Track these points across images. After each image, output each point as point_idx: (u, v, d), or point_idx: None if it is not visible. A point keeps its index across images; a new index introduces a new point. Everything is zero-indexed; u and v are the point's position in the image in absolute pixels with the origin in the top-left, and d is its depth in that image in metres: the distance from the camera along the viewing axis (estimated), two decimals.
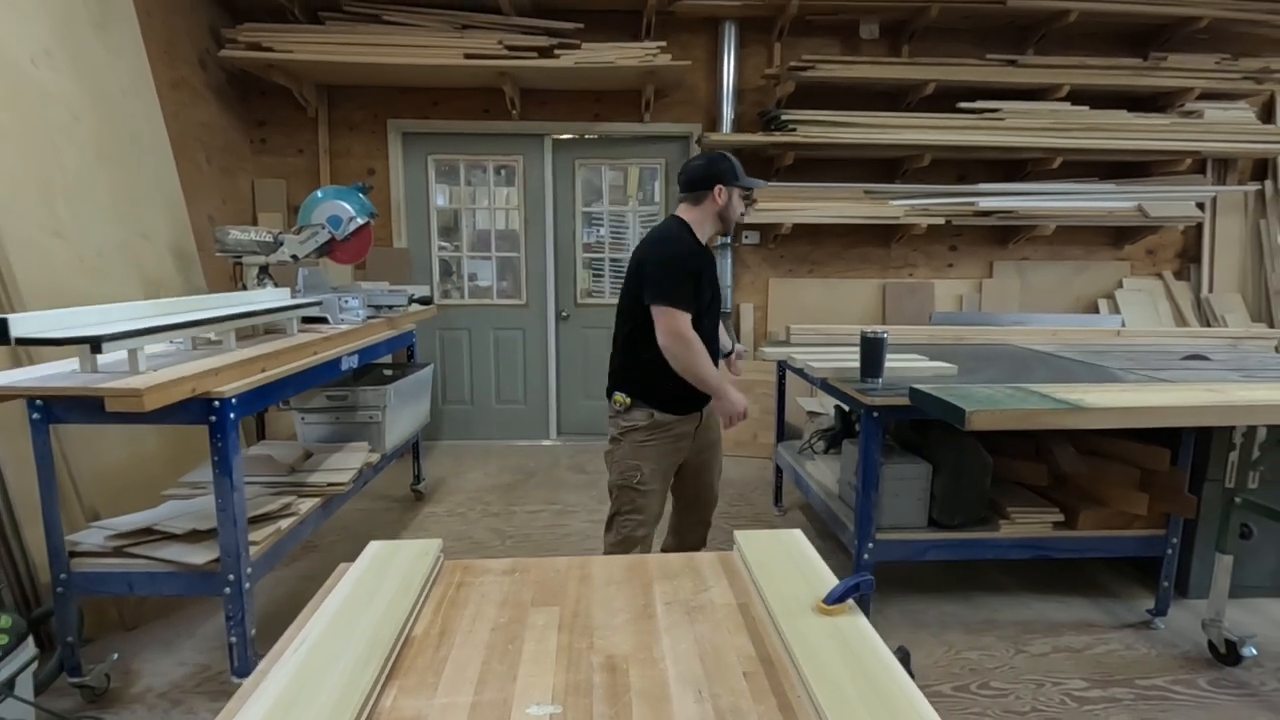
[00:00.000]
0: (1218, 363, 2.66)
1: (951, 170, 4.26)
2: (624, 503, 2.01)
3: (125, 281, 2.66)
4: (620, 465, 2.01)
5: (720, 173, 1.97)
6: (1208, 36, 4.12)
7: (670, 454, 2.02)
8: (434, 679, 0.79)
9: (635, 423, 1.99)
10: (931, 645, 2.21)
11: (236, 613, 1.85)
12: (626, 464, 1.99)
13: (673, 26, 4.05)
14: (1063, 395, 1.74)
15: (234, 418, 1.78)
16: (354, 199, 3.00)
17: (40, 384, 1.57)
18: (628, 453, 1.99)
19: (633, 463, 1.98)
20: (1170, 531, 2.26)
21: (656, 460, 2.00)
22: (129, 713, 1.85)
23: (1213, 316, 4.38)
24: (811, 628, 0.85)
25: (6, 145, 2.21)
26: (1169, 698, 1.96)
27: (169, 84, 3.32)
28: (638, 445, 1.99)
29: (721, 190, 1.97)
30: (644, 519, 2.00)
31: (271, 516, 2.11)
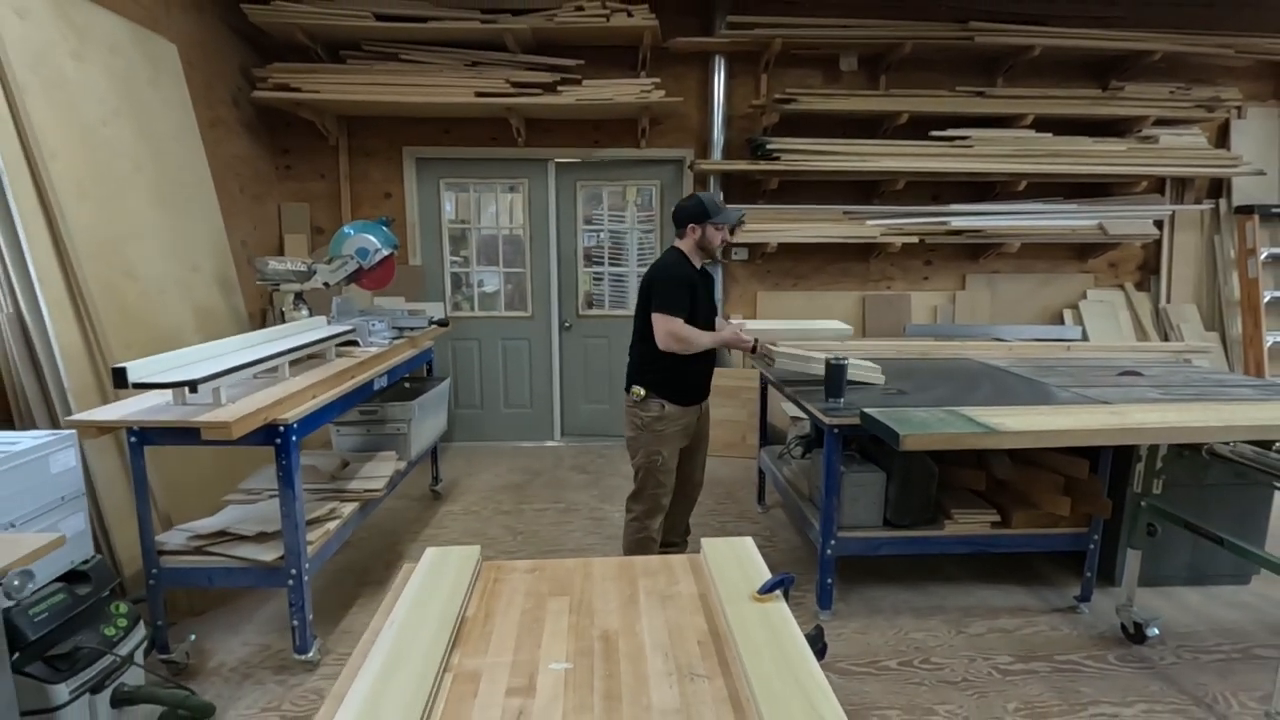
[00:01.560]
0: (1147, 379, 3.01)
1: (925, 191, 4.59)
2: (649, 479, 2.59)
3: (181, 312, 3.02)
4: (646, 450, 2.56)
5: (694, 214, 2.52)
6: (1164, 66, 4.43)
7: (680, 438, 2.61)
8: (484, 646, 1.15)
9: (653, 414, 2.53)
10: (884, 627, 2.58)
11: (298, 601, 2.22)
12: (651, 449, 2.55)
13: (667, 60, 4.37)
14: (984, 419, 2.09)
15: (296, 440, 2.14)
16: (379, 232, 3.35)
17: (146, 417, 1.93)
18: (650, 440, 2.55)
19: (655, 448, 2.55)
20: (1092, 529, 2.63)
21: (671, 444, 2.58)
22: (209, 683, 2.22)
23: (1169, 326, 4.73)
24: (747, 611, 1.21)
25: (87, 202, 2.56)
26: (1080, 670, 2.32)
27: (208, 123, 3.65)
28: (657, 433, 2.54)
29: (695, 227, 2.53)
30: (666, 489, 2.61)
31: (320, 520, 2.48)
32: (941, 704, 2.14)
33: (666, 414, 2.54)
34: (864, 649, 2.44)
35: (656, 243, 4.74)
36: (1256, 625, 2.58)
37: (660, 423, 2.54)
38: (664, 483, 2.59)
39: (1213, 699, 2.16)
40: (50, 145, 2.43)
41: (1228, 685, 2.23)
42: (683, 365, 2.54)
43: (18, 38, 2.39)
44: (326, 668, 2.31)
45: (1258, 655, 2.39)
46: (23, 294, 2.32)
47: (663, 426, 2.55)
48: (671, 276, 2.50)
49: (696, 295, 2.52)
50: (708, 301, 2.63)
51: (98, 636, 1.74)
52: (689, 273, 2.54)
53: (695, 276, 2.55)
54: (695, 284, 2.52)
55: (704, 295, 2.59)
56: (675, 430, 2.57)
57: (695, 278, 2.54)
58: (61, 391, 2.35)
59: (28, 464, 1.67)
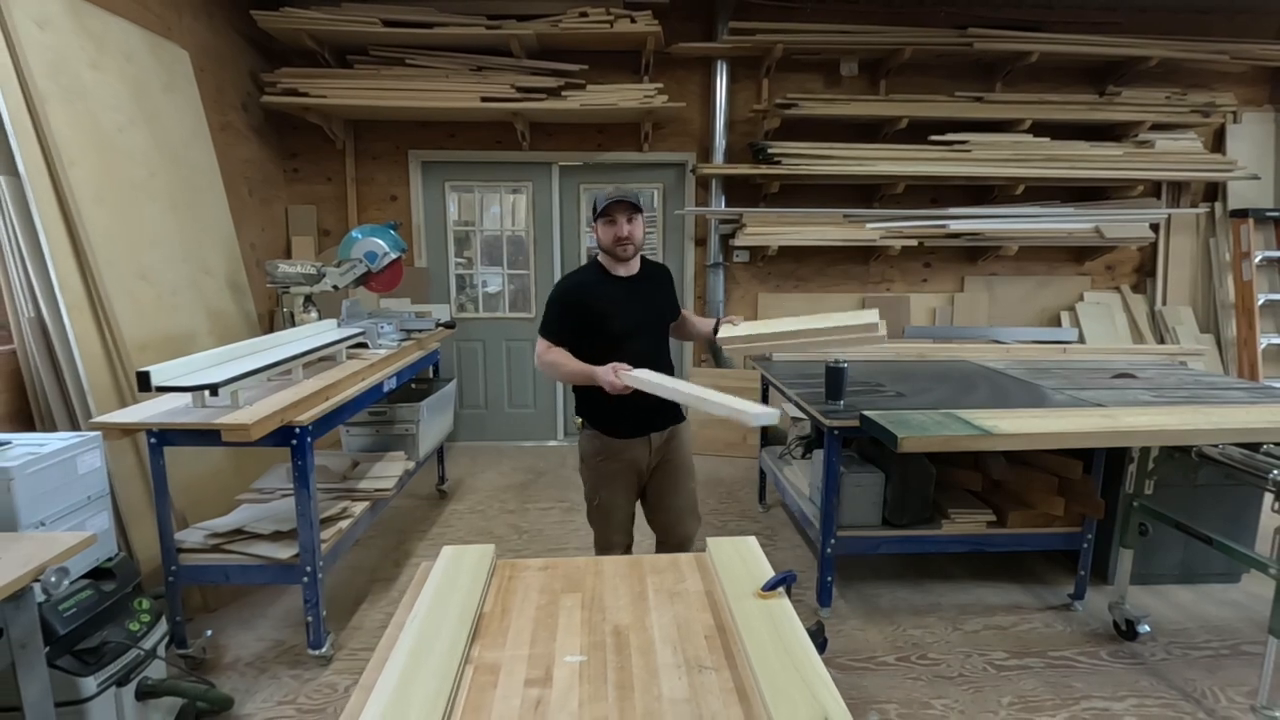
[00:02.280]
0: (1141, 382, 3.07)
1: (924, 194, 4.65)
2: (592, 517, 2.29)
3: (194, 314, 3.08)
4: (587, 489, 2.27)
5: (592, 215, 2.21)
6: (1160, 71, 4.49)
7: (627, 477, 2.21)
8: (502, 639, 1.21)
9: (592, 447, 2.21)
10: (882, 624, 2.64)
11: (312, 597, 2.28)
12: (588, 487, 2.26)
13: (669, 65, 4.43)
14: (980, 422, 2.15)
15: (310, 441, 2.20)
16: (387, 236, 3.41)
17: (168, 419, 1.99)
18: (590, 477, 2.24)
19: (595, 488, 2.23)
20: (1085, 529, 2.69)
21: (614, 485, 2.20)
22: (226, 677, 2.28)
23: (1165, 328, 4.79)
24: (751, 607, 1.27)
25: (104, 208, 2.61)
26: (1073, 666, 2.39)
27: (219, 128, 3.71)
28: (593, 469, 2.22)
29: (590, 230, 2.37)
30: (610, 529, 2.26)
31: (333, 519, 2.54)
32: (938, 698, 2.20)
33: (606, 448, 2.18)
34: (863, 645, 2.50)
35: (659, 245, 4.80)
36: (1245, 622, 2.64)
37: (599, 458, 2.19)
38: (611, 528, 2.25)
39: (1201, 694, 2.23)
40: (70, 153, 2.48)
41: (1216, 680, 2.29)
42: None
43: (38, 48, 2.45)
44: (340, 662, 2.38)
45: (1245, 652, 2.45)
46: (44, 298, 2.38)
47: (602, 462, 2.19)
48: (553, 293, 2.19)
49: (592, 310, 2.11)
50: (642, 311, 2.19)
51: (123, 631, 1.80)
52: (576, 284, 2.17)
53: (595, 288, 2.15)
54: (588, 298, 2.12)
55: (625, 307, 2.14)
56: (618, 468, 2.19)
57: (593, 290, 2.14)
58: (81, 394, 2.41)
59: (57, 465, 1.73)
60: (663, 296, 2.30)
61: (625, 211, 2.10)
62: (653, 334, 2.26)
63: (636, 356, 2.09)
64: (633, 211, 2.11)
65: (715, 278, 4.66)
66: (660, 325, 2.30)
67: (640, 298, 2.20)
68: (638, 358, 2.09)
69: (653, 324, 2.26)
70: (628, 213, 2.10)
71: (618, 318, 2.14)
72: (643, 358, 2.12)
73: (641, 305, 2.21)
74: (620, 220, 2.10)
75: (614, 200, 2.09)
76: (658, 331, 2.29)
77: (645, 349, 2.18)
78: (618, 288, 2.17)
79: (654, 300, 2.26)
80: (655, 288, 2.27)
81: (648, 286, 2.24)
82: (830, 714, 0.98)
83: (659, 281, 2.30)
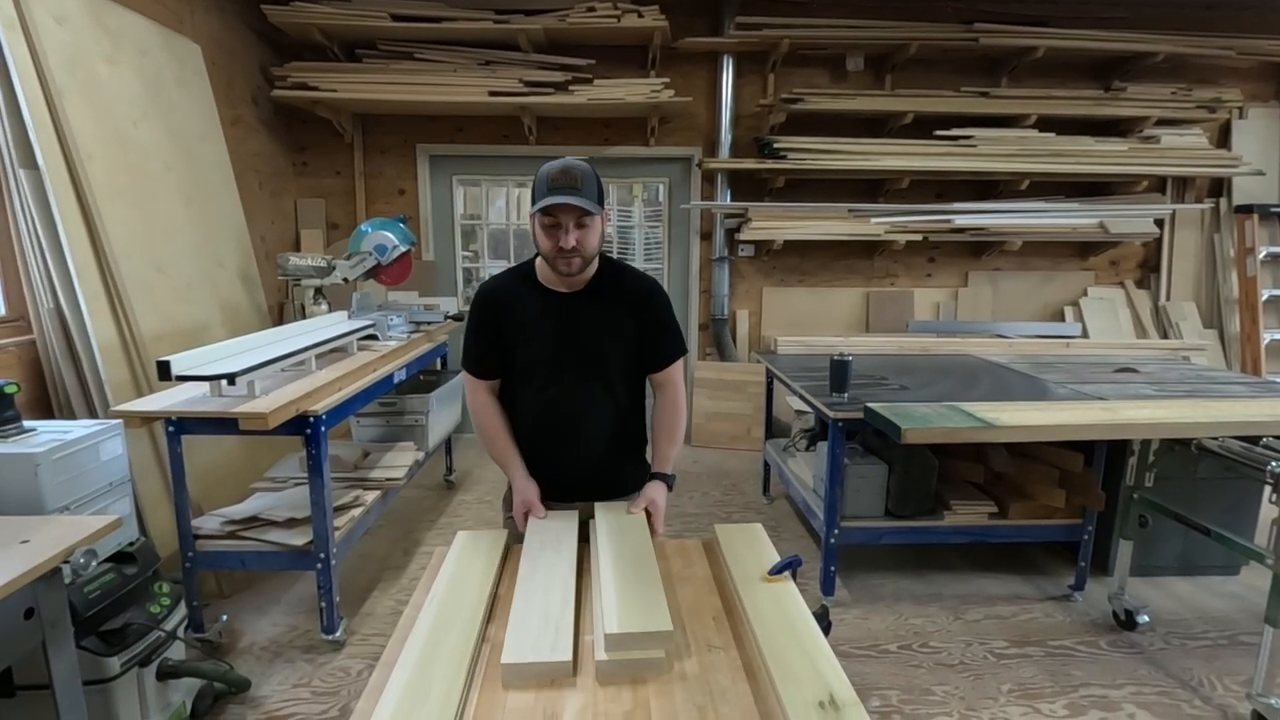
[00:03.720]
0: (1142, 376, 3.10)
1: (930, 189, 4.66)
2: None
3: (208, 306, 3.12)
4: None
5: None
6: (1166, 67, 4.49)
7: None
8: None
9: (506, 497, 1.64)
10: (884, 613, 2.68)
11: (326, 584, 2.33)
12: None
13: (676, 59, 4.45)
14: (982, 414, 2.18)
15: (324, 430, 2.25)
16: (396, 229, 3.45)
17: (187, 408, 2.03)
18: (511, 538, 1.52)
19: None
20: (1086, 521, 2.72)
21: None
22: (241, 661, 2.34)
23: (1168, 324, 4.81)
24: (758, 590, 1.31)
25: (121, 201, 2.66)
26: (1072, 655, 2.43)
27: (229, 121, 3.74)
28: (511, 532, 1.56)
29: (531, 220, 1.50)
30: None
31: (345, 507, 2.59)
32: (939, 685, 2.25)
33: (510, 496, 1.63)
34: (865, 633, 2.54)
35: (664, 239, 4.83)
36: (1243, 614, 2.68)
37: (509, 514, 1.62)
38: None
39: (1198, 682, 2.27)
40: (87, 147, 2.52)
41: (1213, 669, 2.33)
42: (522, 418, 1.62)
43: (55, 43, 2.48)
44: (352, 647, 2.43)
45: (1243, 642, 2.49)
46: (62, 290, 2.43)
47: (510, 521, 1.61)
48: (470, 308, 1.62)
49: (508, 327, 1.56)
50: (571, 342, 1.55)
51: (144, 614, 1.85)
52: (501, 289, 1.60)
53: (515, 299, 1.57)
54: (503, 312, 1.57)
55: (540, 331, 1.55)
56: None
57: (513, 300, 1.57)
58: (100, 383, 2.46)
59: (80, 451, 1.78)
60: (626, 328, 1.57)
61: (571, 214, 1.42)
62: (587, 378, 1.57)
63: (551, 408, 1.57)
64: (581, 214, 1.43)
65: (720, 272, 4.69)
66: (603, 367, 1.57)
67: (575, 322, 1.55)
68: (554, 411, 1.57)
69: (589, 363, 1.56)
70: (575, 215, 1.43)
71: (528, 345, 1.55)
72: (563, 411, 1.57)
73: (572, 333, 1.54)
74: (567, 223, 1.43)
75: (557, 199, 1.40)
76: (596, 375, 1.57)
77: (565, 399, 1.57)
78: (542, 302, 1.55)
79: (601, 330, 1.56)
80: (611, 314, 1.56)
81: (594, 311, 1.55)
82: (835, 691, 1.02)
83: (626, 306, 1.57)
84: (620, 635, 1.09)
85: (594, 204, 1.45)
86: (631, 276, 1.63)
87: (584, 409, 1.59)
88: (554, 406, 1.59)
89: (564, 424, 1.59)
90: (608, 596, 1.20)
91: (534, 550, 1.42)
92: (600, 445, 1.62)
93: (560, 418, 1.59)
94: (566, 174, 1.43)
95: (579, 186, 1.42)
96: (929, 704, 2.16)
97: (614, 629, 1.09)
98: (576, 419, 1.59)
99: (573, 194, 1.41)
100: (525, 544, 1.44)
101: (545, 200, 1.42)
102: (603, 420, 1.61)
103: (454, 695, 0.99)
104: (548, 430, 1.61)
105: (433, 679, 1.03)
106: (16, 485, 1.65)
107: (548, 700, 1.02)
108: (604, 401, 1.60)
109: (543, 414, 1.60)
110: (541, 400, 1.59)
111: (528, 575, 1.32)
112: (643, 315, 1.59)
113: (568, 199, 1.41)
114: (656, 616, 1.14)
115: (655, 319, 1.61)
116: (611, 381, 1.60)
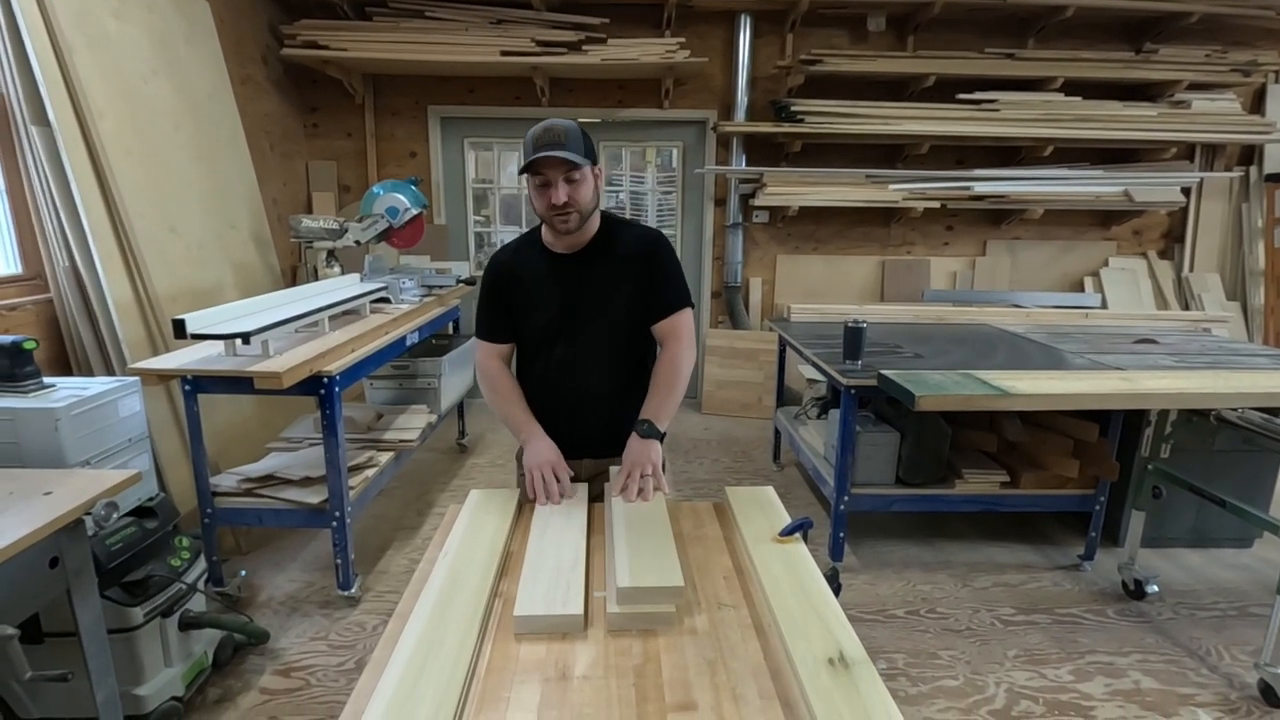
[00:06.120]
0: (1162, 347, 3.05)
1: (950, 155, 4.56)
2: None
3: (220, 267, 3.13)
4: None
5: None
6: (1201, 28, 4.33)
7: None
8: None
9: None
10: (893, 580, 2.70)
11: (341, 541, 2.37)
12: None
13: (692, 18, 4.34)
14: (997, 382, 2.16)
15: (338, 390, 2.26)
16: (408, 192, 3.42)
17: (202, 366, 2.05)
18: None
19: None
20: (1099, 491, 2.71)
21: None
22: (260, 615, 2.39)
23: (1190, 295, 4.72)
24: (768, 551, 1.32)
25: (132, 160, 2.65)
26: (1079, 622, 2.44)
27: (239, 81, 3.71)
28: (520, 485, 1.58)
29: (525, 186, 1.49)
30: None
31: (360, 467, 2.62)
32: (945, 649, 2.27)
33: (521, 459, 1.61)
34: (873, 598, 2.56)
35: (677, 204, 4.77)
36: (1254, 585, 2.67)
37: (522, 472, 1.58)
38: None
39: (1205, 651, 2.27)
40: (97, 104, 2.51)
41: (1221, 639, 2.33)
42: (532, 383, 1.64)
43: None
44: (367, 603, 2.48)
45: (1253, 613, 2.49)
46: (78, 248, 2.44)
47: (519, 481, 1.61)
48: (482, 276, 1.69)
49: (517, 295, 1.60)
50: (577, 305, 1.57)
51: (165, 566, 1.89)
52: (499, 262, 1.64)
53: (524, 265, 1.60)
54: (512, 280, 1.61)
55: (548, 296, 1.58)
56: None
57: (522, 266, 1.60)
58: (116, 342, 2.48)
59: (99, 408, 1.80)
60: (629, 286, 1.57)
61: (561, 167, 1.43)
62: (593, 338, 1.58)
63: (559, 369, 1.60)
64: (572, 167, 1.43)
65: (734, 238, 4.64)
66: (608, 325, 1.58)
67: (579, 282, 1.57)
68: (562, 371, 1.60)
69: (594, 322, 1.57)
70: (565, 169, 1.43)
71: (535, 308, 1.59)
72: (570, 371, 1.59)
73: (577, 294, 1.57)
74: (556, 179, 1.43)
75: (542, 154, 1.40)
76: (602, 333, 1.58)
77: (574, 359, 1.59)
78: (547, 266, 1.58)
79: (604, 288, 1.56)
80: (614, 271, 1.56)
81: (597, 270, 1.57)
82: (845, 648, 1.02)
83: (628, 263, 1.57)
84: (632, 589, 1.10)
85: (580, 156, 1.43)
86: (632, 230, 1.63)
87: (592, 368, 1.60)
88: (562, 367, 1.61)
89: (572, 383, 1.61)
90: (620, 552, 1.21)
91: (544, 513, 1.43)
92: (609, 404, 1.62)
93: (568, 377, 1.61)
94: (549, 131, 1.43)
95: (563, 141, 1.42)
96: (935, 667, 2.18)
97: (626, 583, 1.10)
98: (584, 378, 1.61)
99: (557, 149, 1.41)
100: (535, 514, 1.45)
101: (531, 156, 1.42)
102: (611, 379, 1.62)
103: (468, 645, 1.01)
104: (557, 390, 1.62)
105: (447, 630, 1.05)
106: (38, 440, 1.68)
107: (559, 652, 1.04)
108: (612, 360, 1.61)
109: (552, 374, 1.62)
110: (550, 361, 1.61)
111: (538, 536, 1.33)
112: (644, 266, 1.58)
113: (552, 153, 1.41)
114: (668, 572, 1.14)
115: (656, 268, 1.59)
116: (618, 339, 1.60)
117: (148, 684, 1.79)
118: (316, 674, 2.10)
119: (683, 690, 0.95)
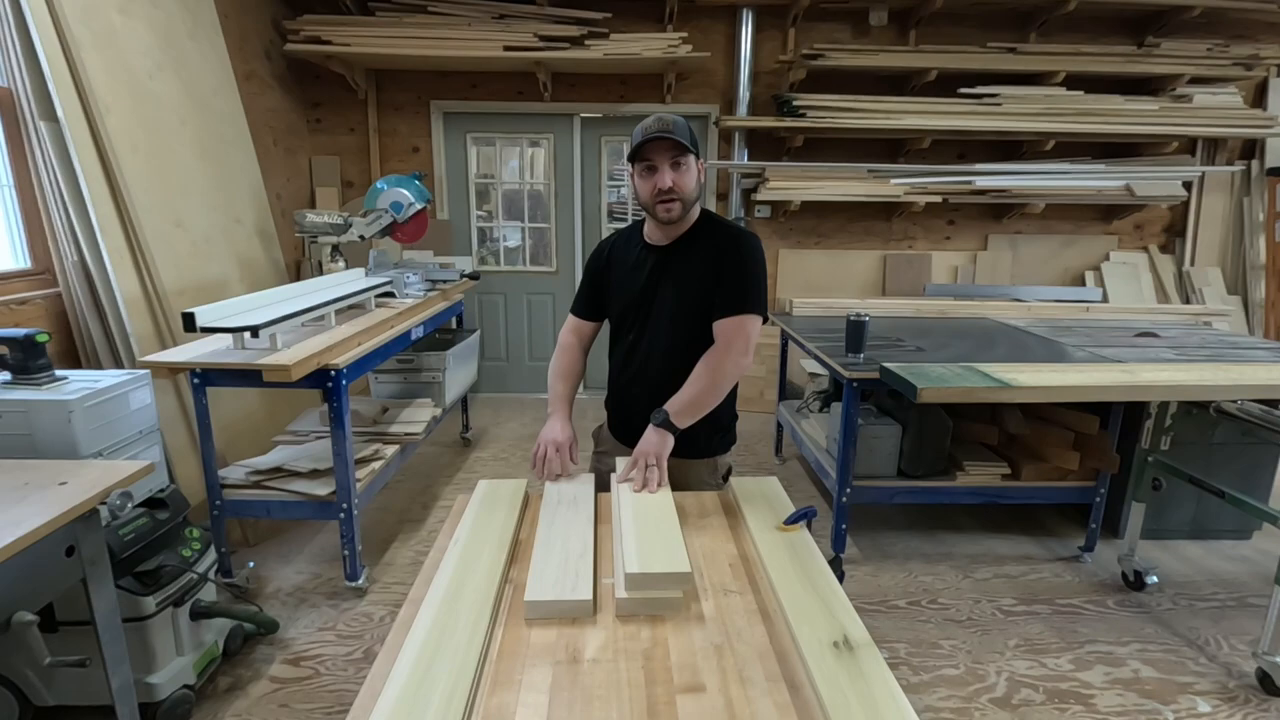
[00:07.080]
0: (1163, 340, 3.06)
1: (951, 150, 4.57)
2: None
3: (225, 262, 3.14)
4: None
5: None
6: (1204, 21, 4.33)
7: None
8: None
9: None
10: (894, 571, 2.72)
11: (348, 533, 2.39)
12: None
13: (694, 13, 4.35)
14: (998, 374, 2.18)
15: (345, 384, 2.28)
16: (412, 187, 3.43)
17: (212, 359, 2.07)
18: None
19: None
20: (1099, 483, 2.73)
21: None
22: (268, 605, 2.42)
23: (1191, 289, 4.73)
24: (773, 539, 1.34)
25: (139, 156, 2.66)
26: (1079, 613, 2.46)
27: (243, 76, 3.72)
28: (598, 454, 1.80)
29: (630, 175, 1.67)
30: None
31: (366, 460, 2.64)
32: (946, 639, 2.29)
33: (600, 433, 1.83)
34: (875, 589, 2.59)
35: None
36: (1253, 577, 2.69)
37: (598, 442, 1.81)
38: None
39: (1204, 641, 2.30)
40: (105, 100, 2.52)
41: (1219, 629, 2.36)
42: (612, 364, 1.75)
43: None
44: (374, 595, 2.51)
45: (1252, 604, 2.51)
46: (86, 243, 2.46)
47: (599, 453, 1.80)
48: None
49: (606, 280, 1.70)
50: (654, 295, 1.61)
51: (177, 557, 1.91)
52: (612, 243, 1.74)
53: (618, 251, 1.70)
54: (605, 265, 1.71)
55: (628, 284, 1.64)
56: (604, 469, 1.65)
57: (615, 253, 1.70)
58: (125, 336, 2.50)
59: (111, 400, 1.82)
60: (707, 277, 1.55)
61: (669, 153, 1.47)
62: (669, 328, 1.60)
63: (633, 354, 1.66)
64: (679, 153, 1.48)
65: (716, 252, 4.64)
66: (683, 316, 1.58)
67: (663, 272, 1.59)
68: (635, 356, 1.66)
69: (669, 312, 1.59)
70: (672, 154, 1.47)
71: (621, 294, 1.66)
72: (643, 357, 1.64)
73: (658, 282, 1.60)
74: (662, 164, 1.47)
75: (653, 136, 1.45)
76: (678, 324, 1.59)
77: (643, 346, 1.64)
78: (640, 254, 1.63)
79: (685, 279, 1.57)
80: (697, 264, 1.56)
81: (682, 262, 1.58)
82: (850, 632, 1.05)
83: (712, 256, 1.56)
84: (640, 575, 1.12)
85: (688, 143, 1.48)
86: (724, 228, 1.62)
87: (663, 357, 1.61)
88: (635, 352, 1.66)
89: (643, 370, 1.65)
90: (628, 539, 1.23)
91: (551, 505, 1.45)
92: (665, 396, 1.56)
93: (640, 363, 1.65)
94: (659, 120, 1.48)
95: (671, 129, 1.46)
96: (936, 656, 2.20)
97: (634, 569, 1.12)
98: (654, 366, 1.63)
99: (665, 134, 1.46)
100: (543, 502, 1.47)
101: (639, 140, 1.48)
102: (672, 371, 1.58)
103: (480, 629, 1.03)
104: (629, 375, 1.68)
105: (459, 615, 1.07)
106: (51, 431, 1.70)
107: (570, 636, 1.06)
108: (674, 351, 1.60)
109: (626, 359, 1.69)
110: (625, 345, 1.69)
111: (547, 525, 1.36)
112: (719, 261, 1.55)
113: (661, 134, 1.45)
114: (675, 558, 1.17)
115: (728, 265, 1.55)
116: (681, 332, 1.59)
117: (160, 672, 1.81)
118: (325, 663, 2.13)
119: (691, 673, 0.97)
